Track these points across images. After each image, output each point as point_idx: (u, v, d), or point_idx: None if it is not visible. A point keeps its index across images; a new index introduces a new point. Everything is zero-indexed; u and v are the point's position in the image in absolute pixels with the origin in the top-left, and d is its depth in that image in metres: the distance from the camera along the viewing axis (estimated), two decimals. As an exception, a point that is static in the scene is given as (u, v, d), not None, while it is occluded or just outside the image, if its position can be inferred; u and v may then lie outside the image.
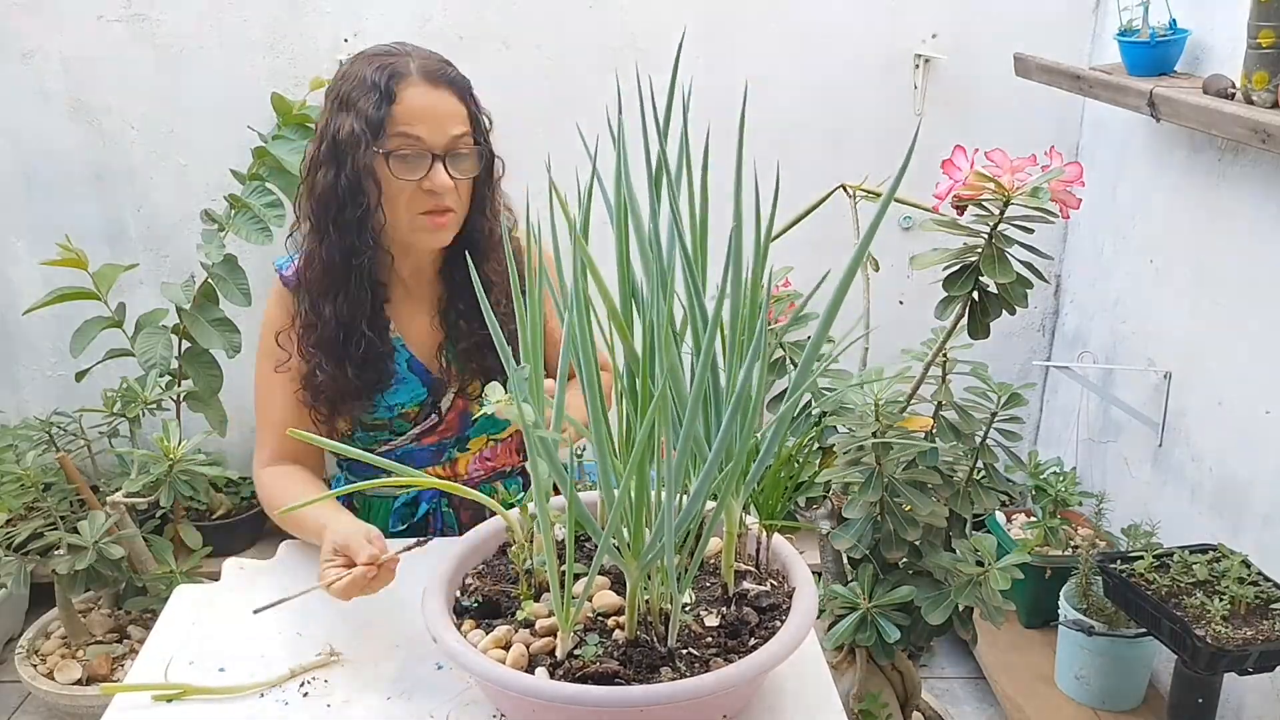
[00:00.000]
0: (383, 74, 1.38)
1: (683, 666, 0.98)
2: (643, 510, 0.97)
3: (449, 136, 1.40)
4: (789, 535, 1.16)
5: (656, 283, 0.95)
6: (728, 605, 1.07)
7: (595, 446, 0.97)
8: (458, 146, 1.41)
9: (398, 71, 1.39)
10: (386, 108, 1.38)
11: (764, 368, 1.02)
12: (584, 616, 1.04)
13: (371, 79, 1.38)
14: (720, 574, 1.10)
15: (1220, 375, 2.05)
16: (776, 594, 1.08)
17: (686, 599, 1.06)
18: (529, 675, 0.96)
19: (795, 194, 2.54)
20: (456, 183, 1.42)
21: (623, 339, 1.01)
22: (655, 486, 0.99)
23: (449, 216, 1.44)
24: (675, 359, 0.96)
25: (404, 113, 1.38)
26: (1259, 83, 1.71)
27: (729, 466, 0.97)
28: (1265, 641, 1.70)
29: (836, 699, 1.11)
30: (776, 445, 1.01)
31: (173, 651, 1.20)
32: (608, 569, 1.11)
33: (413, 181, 1.39)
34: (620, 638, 1.02)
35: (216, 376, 2.43)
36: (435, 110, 1.39)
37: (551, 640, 1.02)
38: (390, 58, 1.41)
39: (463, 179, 1.43)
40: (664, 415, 0.93)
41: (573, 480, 0.98)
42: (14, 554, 2.13)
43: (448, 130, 1.39)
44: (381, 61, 1.40)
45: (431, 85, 1.39)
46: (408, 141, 1.38)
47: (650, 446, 0.94)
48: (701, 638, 1.02)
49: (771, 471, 1.11)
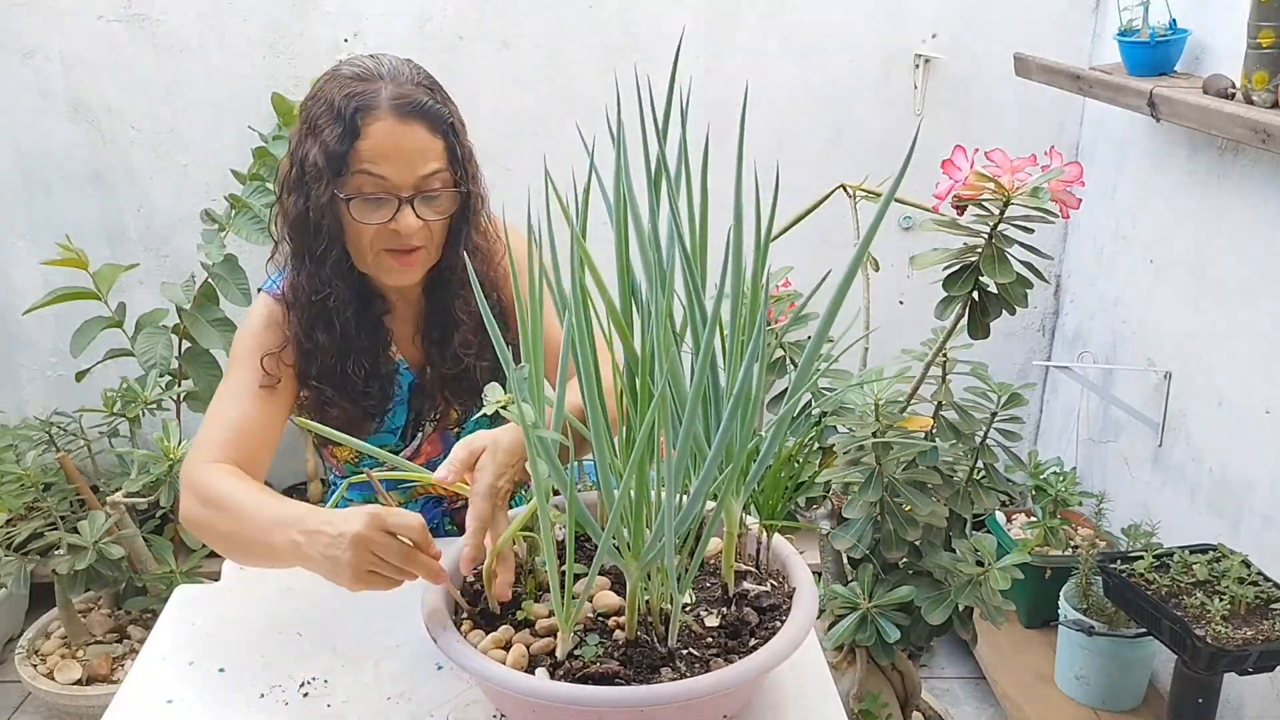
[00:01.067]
0: (349, 104, 1.27)
1: (683, 667, 0.98)
2: (643, 510, 0.97)
3: (417, 176, 1.28)
4: (789, 535, 1.16)
5: (656, 281, 0.95)
6: (728, 605, 1.07)
7: (594, 446, 0.97)
8: (428, 186, 1.29)
9: (365, 104, 1.27)
10: (350, 143, 1.27)
11: (763, 367, 1.02)
12: (584, 617, 1.05)
13: (338, 107, 1.27)
14: (720, 574, 1.10)
15: (1220, 375, 2.05)
16: (776, 594, 1.08)
17: (686, 599, 1.06)
18: (529, 675, 0.96)
19: (795, 194, 2.55)
20: (428, 222, 1.32)
21: (623, 339, 1.01)
22: (655, 486, 0.98)
23: (417, 255, 1.33)
24: (675, 358, 0.96)
25: (369, 150, 1.26)
26: (1259, 83, 1.71)
27: (729, 467, 0.97)
28: (1265, 641, 1.70)
29: (836, 699, 1.11)
30: (777, 445, 1.01)
31: (172, 652, 1.20)
32: (608, 569, 1.11)
33: (376, 225, 1.30)
34: (620, 638, 1.02)
35: (216, 376, 2.42)
36: (403, 147, 1.27)
37: (551, 641, 1.02)
38: (361, 84, 1.29)
39: (434, 218, 1.32)
40: (664, 415, 0.93)
41: (573, 480, 0.98)
42: (14, 554, 2.13)
43: (416, 170, 1.28)
44: (351, 88, 1.28)
45: (400, 120, 1.27)
46: (372, 180, 1.27)
47: (650, 446, 0.94)
48: (701, 638, 1.02)
49: (771, 471, 1.11)
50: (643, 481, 0.96)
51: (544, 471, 1.00)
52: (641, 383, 0.97)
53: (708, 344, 0.92)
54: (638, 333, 0.98)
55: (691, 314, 1.00)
